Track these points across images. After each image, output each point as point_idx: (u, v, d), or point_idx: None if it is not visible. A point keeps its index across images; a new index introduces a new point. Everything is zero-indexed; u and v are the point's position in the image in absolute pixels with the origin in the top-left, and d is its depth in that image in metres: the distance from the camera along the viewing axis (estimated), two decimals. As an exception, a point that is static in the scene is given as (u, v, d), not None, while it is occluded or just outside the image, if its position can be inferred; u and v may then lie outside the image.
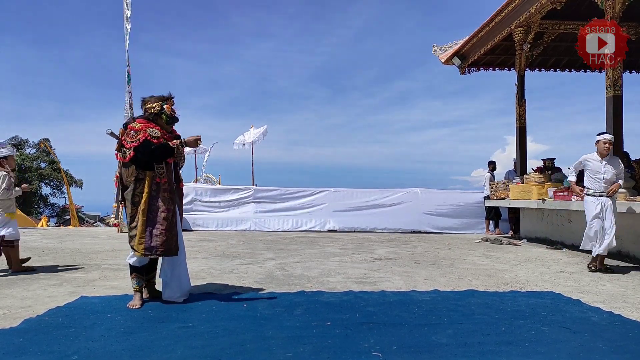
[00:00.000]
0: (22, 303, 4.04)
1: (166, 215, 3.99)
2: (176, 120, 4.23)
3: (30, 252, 7.33)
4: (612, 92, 7.13)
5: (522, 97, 10.71)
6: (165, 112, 4.12)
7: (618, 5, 7.05)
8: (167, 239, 3.96)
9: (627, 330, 3.43)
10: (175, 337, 3.13)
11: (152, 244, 3.92)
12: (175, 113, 4.19)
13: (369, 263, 6.55)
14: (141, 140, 3.93)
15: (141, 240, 3.90)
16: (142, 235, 3.90)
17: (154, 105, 4.11)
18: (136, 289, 4.03)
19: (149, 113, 4.12)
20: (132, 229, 3.96)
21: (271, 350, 2.89)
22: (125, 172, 4.02)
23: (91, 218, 38.65)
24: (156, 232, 3.93)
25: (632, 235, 7.12)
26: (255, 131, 14.84)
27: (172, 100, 4.19)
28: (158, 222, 3.96)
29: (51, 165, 38.55)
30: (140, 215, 3.92)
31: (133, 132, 3.98)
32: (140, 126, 4.01)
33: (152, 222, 3.94)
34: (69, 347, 2.90)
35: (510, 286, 5.00)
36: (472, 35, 10.81)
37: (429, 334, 3.25)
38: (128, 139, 3.97)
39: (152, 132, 4.00)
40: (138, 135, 3.95)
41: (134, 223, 3.95)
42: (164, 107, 4.12)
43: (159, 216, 3.96)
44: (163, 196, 4.01)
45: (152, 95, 4.17)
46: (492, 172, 11.54)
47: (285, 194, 12.47)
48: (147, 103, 4.14)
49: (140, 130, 3.98)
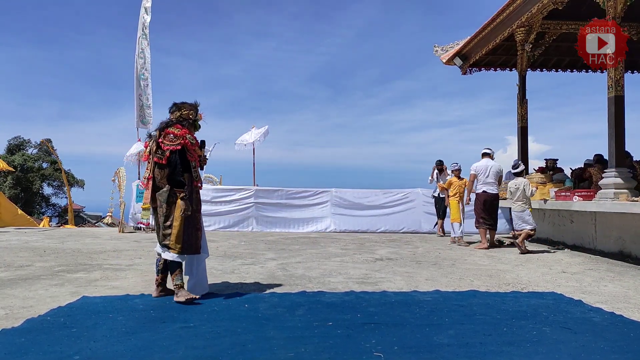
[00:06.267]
0: (24, 303, 4.05)
1: (198, 216, 4.28)
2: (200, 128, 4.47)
3: (31, 252, 7.35)
4: (614, 92, 7.12)
5: (524, 98, 10.70)
6: (197, 120, 4.36)
7: (619, 6, 7.04)
8: (199, 238, 4.24)
9: (629, 330, 3.42)
10: (177, 338, 3.13)
11: (188, 243, 4.14)
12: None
13: (370, 263, 6.55)
14: (180, 145, 4.12)
15: (179, 240, 4.09)
16: (180, 235, 4.09)
17: (190, 112, 4.32)
18: (181, 285, 4.13)
19: (183, 119, 4.28)
20: (167, 227, 4.12)
21: (273, 351, 2.89)
22: (159, 173, 4.17)
23: (92, 218, 38.69)
24: (191, 232, 4.17)
25: (634, 235, 7.11)
26: (256, 131, 14.83)
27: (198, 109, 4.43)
28: (192, 221, 4.18)
29: (53, 165, 38.61)
30: (179, 215, 4.08)
31: (172, 136, 4.14)
32: (180, 132, 4.17)
33: (187, 222, 4.13)
34: (71, 347, 2.90)
35: (511, 287, 4.99)
36: (474, 35, 10.81)
37: (430, 335, 3.25)
38: (166, 142, 4.13)
39: (190, 139, 4.20)
40: (178, 140, 4.13)
41: (169, 222, 4.11)
42: (197, 115, 4.35)
43: (193, 216, 4.17)
44: (196, 198, 4.27)
45: (185, 102, 4.36)
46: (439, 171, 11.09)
47: (286, 194, 12.47)
48: (183, 110, 4.31)
49: (180, 136, 4.15)
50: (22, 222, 14.90)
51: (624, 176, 7.07)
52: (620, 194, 6.87)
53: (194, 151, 4.25)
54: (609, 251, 7.57)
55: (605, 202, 7.05)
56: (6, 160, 28.73)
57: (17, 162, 35.95)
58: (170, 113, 4.34)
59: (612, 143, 7.20)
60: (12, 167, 26.19)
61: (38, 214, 35.13)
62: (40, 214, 35.57)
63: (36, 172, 38.23)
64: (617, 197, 6.87)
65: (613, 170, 7.12)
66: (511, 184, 8.04)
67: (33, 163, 38.49)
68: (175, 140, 4.12)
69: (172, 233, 4.09)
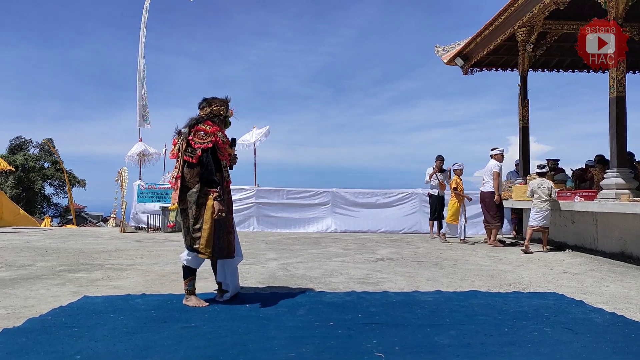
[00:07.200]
0: (25, 303, 4.05)
1: (230, 217, 4.07)
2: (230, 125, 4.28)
3: (33, 252, 7.36)
4: (616, 92, 7.11)
5: (525, 98, 10.68)
6: (228, 116, 4.17)
7: (621, 6, 7.03)
8: (231, 241, 4.03)
9: (630, 331, 3.41)
10: (178, 337, 3.13)
11: (220, 246, 3.94)
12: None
13: (371, 263, 6.55)
14: (212, 143, 3.93)
15: (209, 243, 3.88)
16: (210, 238, 3.88)
17: (221, 108, 4.11)
18: (192, 291, 4.02)
19: (214, 115, 4.09)
20: (196, 230, 3.89)
21: (274, 351, 2.89)
22: (189, 173, 3.93)
23: (94, 218, 38.74)
24: (223, 234, 3.95)
25: (635, 236, 7.10)
26: (257, 131, 14.83)
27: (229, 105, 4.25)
28: (224, 224, 3.97)
29: (54, 165, 38.66)
30: (209, 218, 3.87)
31: (203, 133, 3.94)
32: (211, 129, 3.99)
33: (218, 224, 3.92)
34: (72, 347, 2.90)
35: (513, 287, 4.99)
36: (475, 35, 10.80)
37: (431, 335, 3.24)
38: (197, 139, 3.92)
39: (221, 137, 4.03)
40: (209, 137, 3.94)
41: (198, 225, 3.88)
42: (228, 111, 4.17)
43: (224, 218, 3.96)
44: (228, 199, 4.08)
45: (215, 97, 4.15)
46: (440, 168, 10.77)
47: (287, 194, 12.48)
48: (214, 105, 4.09)
49: (211, 133, 3.96)
50: (24, 222, 14.92)
51: (626, 176, 7.06)
52: (622, 194, 6.86)
53: (225, 149, 4.08)
54: (611, 252, 7.56)
55: (606, 202, 7.04)
56: (8, 160, 28.78)
57: (18, 162, 36.02)
58: (200, 109, 4.12)
59: (613, 143, 7.19)
60: (13, 167, 26.23)
61: (39, 213, 35.18)
62: (42, 213, 35.62)
63: (38, 172, 38.29)
64: (619, 197, 6.86)
65: (615, 170, 7.11)
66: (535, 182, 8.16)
67: (34, 163, 38.55)
68: (207, 137, 3.92)
69: (202, 236, 3.86)
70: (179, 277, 5.30)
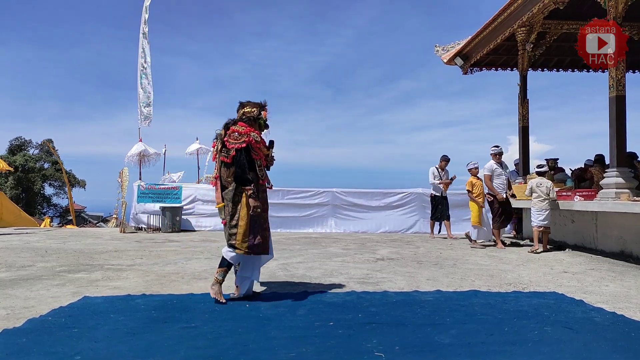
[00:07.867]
0: (25, 303, 4.05)
1: (265, 215, 4.23)
2: (267, 127, 4.43)
3: (33, 253, 7.36)
4: (616, 92, 7.11)
5: (525, 97, 10.68)
6: (262, 118, 4.31)
7: (621, 5, 7.03)
8: (267, 238, 4.20)
9: (630, 330, 3.42)
10: (179, 338, 3.13)
11: (255, 242, 4.10)
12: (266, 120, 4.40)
13: (371, 263, 6.55)
14: (245, 143, 4.08)
15: (245, 239, 4.06)
16: (246, 234, 4.05)
17: (253, 110, 4.29)
18: (220, 281, 4.13)
19: (247, 117, 4.26)
20: (233, 227, 4.09)
21: (274, 351, 2.89)
22: (225, 172, 4.15)
23: (94, 218, 38.72)
24: (258, 231, 4.12)
25: (635, 235, 7.10)
26: (257, 132, 14.82)
27: (266, 108, 4.38)
28: (259, 221, 4.14)
29: (54, 165, 38.67)
30: (244, 214, 4.05)
31: (237, 134, 4.12)
32: (245, 130, 4.15)
33: (253, 221, 4.10)
34: (72, 348, 2.90)
35: (513, 286, 4.99)
36: (475, 35, 10.80)
37: (432, 334, 3.25)
38: (231, 140, 4.11)
39: (255, 137, 4.16)
40: (242, 137, 4.10)
41: (234, 221, 4.08)
42: (261, 113, 4.31)
43: (259, 215, 4.13)
44: (263, 197, 4.23)
45: (250, 101, 4.36)
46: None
47: (287, 194, 12.47)
48: (246, 107, 4.30)
49: (244, 133, 4.12)
50: (24, 223, 14.92)
51: (626, 176, 7.06)
52: (622, 193, 6.87)
53: (259, 149, 4.20)
54: (610, 251, 7.56)
55: (606, 201, 7.04)
56: (7, 161, 28.77)
57: (18, 162, 36.02)
58: (236, 112, 4.35)
59: (613, 143, 7.19)
60: (13, 168, 26.22)
61: (39, 214, 35.19)
62: (42, 214, 35.63)
63: (37, 172, 38.30)
64: (619, 196, 6.87)
65: (614, 170, 7.12)
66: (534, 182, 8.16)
67: (34, 163, 38.56)
68: (240, 138, 4.09)
69: (238, 232, 4.05)
70: (179, 278, 5.32)
